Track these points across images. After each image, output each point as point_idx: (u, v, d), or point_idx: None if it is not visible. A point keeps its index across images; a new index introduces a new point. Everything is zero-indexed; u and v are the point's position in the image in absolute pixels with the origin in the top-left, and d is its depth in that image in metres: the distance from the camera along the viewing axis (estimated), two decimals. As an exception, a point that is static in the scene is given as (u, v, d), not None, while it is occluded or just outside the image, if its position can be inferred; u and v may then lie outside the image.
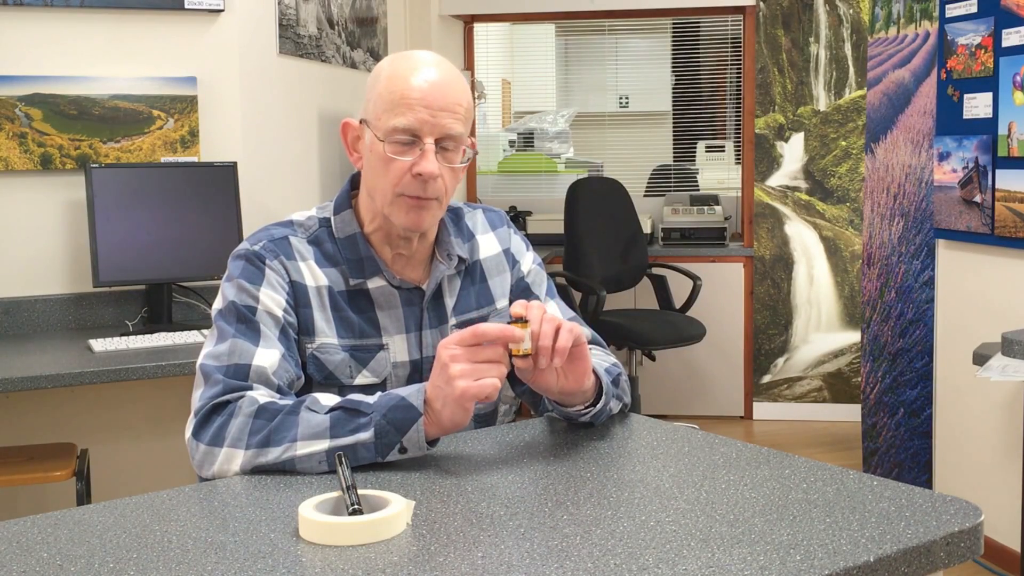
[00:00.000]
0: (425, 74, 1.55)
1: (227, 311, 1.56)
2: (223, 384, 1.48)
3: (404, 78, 1.55)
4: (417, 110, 1.53)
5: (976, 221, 3.38)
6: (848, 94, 5.23)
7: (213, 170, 3.26)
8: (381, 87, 1.57)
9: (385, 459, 1.42)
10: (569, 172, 6.06)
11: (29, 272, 3.18)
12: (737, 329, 5.37)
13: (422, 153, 1.54)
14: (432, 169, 1.54)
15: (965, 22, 3.41)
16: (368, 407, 1.43)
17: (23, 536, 1.22)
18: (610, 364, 1.66)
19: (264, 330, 1.54)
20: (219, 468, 1.43)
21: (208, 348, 1.55)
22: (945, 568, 1.16)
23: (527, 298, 1.76)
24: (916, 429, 3.94)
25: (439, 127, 1.55)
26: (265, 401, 1.45)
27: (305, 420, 1.42)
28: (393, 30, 4.82)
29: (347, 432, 1.41)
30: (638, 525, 1.19)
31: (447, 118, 1.55)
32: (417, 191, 1.56)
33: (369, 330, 1.62)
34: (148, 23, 3.26)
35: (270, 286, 1.57)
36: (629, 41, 6.55)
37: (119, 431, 3.25)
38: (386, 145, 1.54)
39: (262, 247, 1.60)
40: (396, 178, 1.55)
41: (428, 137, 1.54)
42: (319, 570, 1.10)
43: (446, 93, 1.55)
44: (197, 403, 1.49)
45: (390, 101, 1.55)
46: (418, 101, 1.53)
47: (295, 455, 1.40)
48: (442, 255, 1.67)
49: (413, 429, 1.41)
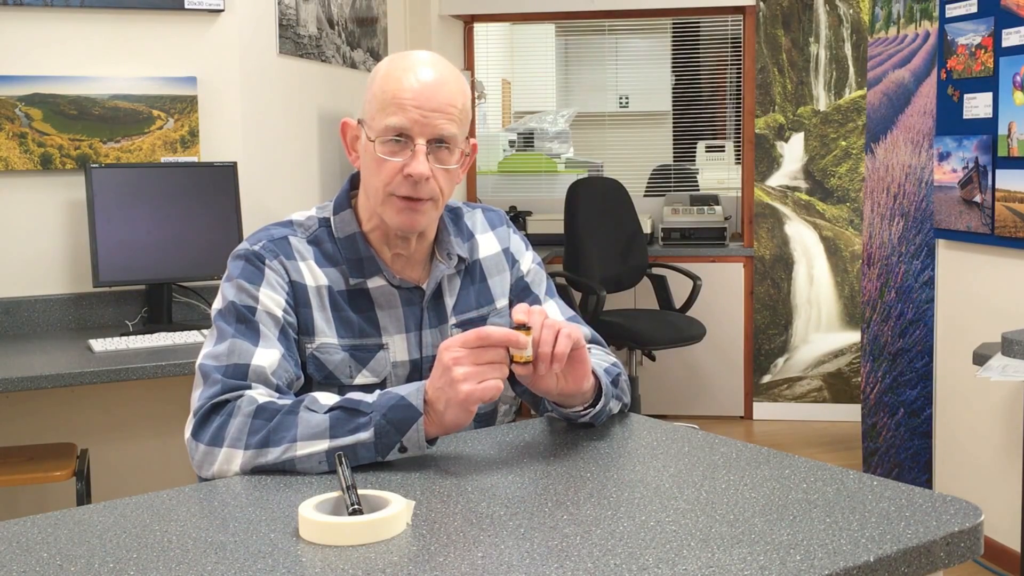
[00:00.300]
0: (419, 74, 1.55)
1: (226, 311, 1.56)
2: (222, 384, 1.48)
3: (398, 78, 1.55)
4: (408, 110, 1.53)
5: (976, 221, 3.38)
6: (848, 94, 5.23)
7: (213, 170, 3.26)
8: (376, 87, 1.57)
9: (385, 458, 1.42)
10: (569, 172, 6.06)
11: (29, 272, 3.18)
12: (737, 329, 5.37)
13: (413, 154, 1.54)
14: (422, 170, 1.53)
15: (965, 22, 3.41)
16: (367, 406, 1.42)
17: (23, 536, 1.22)
18: (609, 364, 1.66)
19: (264, 330, 1.54)
20: (219, 468, 1.43)
21: (207, 348, 1.55)
22: (945, 568, 1.16)
23: (527, 297, 1.76)
24: (916, 429, 3.94)
25: (431, 128, 1.54)
26: (264, 401, 1.45)
27: (304, 420, 1.42)
28: (393, 30, 4.82)
29: (347, 432, 1.41)
30: (638, 525, 1.19)
31: (439, 119, 1.54)
32: (408, 191, 1.55)
33: (369, 330, 1.62)
34: (148, 23, 3.26)
35: (270, 286, 1.57)
36: (629, 41, 6.55)
37: (119, 431, 3.25)
38: (377, 145, 1.55)
39: (262, 247, 1.60)
40: (387, 178, 1.56)
41: (420, 138, 1.54)
42: (319, 570, 1.10)
43: (439, 93, 1.55)
44: (196, 403, 1.49)
45: (383, 101, 1.55)
46: (410, 101, 1.53)
47: (295, 455, 1.40)
48: (441, 255, 1.67)
49: (413, 429, 1.41)
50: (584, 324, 1.77)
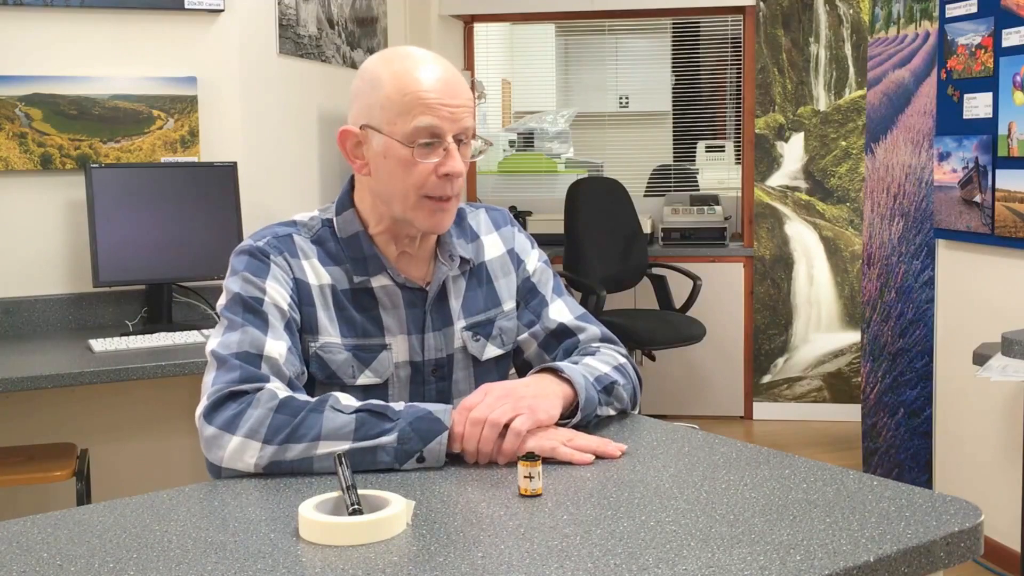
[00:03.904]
0: (432, 72, 1.54)
1: (234, 303, 1.55)
2: (240, 371, 1.46)
3: (414, 78, 1.52)
4: (437, 109, 1.51)
5: (976, 221, 3.38)
6: (848, 94, 5.23)
7: (213, 170, 3.26)
8: (388, 90, 1.53)
9: (402, 466, 1.42)
10: (569, 172, 6.06)
11: (29, 272, 3.18)
12: (737, 329, 5.37)
13: (447, 152, 1.53)
14: (461, 168, 1.54)
15: (965, 22, 3.41)
16: (395, 413, 1.43)
17: (23, 536, 1.22)
18: (610, 368, 1.64)
19: (272, 321, 1.53)
20: (229, 456, 1.41)
21: (218, 337, 1.52)
22: (945, 568, 1.16)
23: (534, 298, 1.74)
24: (916, 429, 3.94)
25: (458, 123, 1.54)
26: (285, 395, 1.44)
27: (330, 419, 1.41)
28: (393, 30, 4.82)
29: (371, 435, 1.41)
30: (638, 525, 1.19)
31: (463, 113, 1.54)
32: (444, 191, 1.55)
33: (372, 329, 1.61)
34: (148, 23, 3.26)
35: (275, 280, 1.56)
36: (629, 41, 6.55)
37: (119, 431, 3.25)
38: (415, 149, 1.52)
39: (266, 243, 1.59)
40: (420, 180, 1.54)
41: (449, 135, 1.53)
42: (319, 570, 1.10)
43: (456, 88, 1.54)
44: (211, 387, 1.46)
45: (404, 103, 1.52)
46: (435, 100, 1.52)
47: (315, 454, 1.40)
48: (444, 256, 1.66)
49: (436, 441, 1.42)
50: (595, 323, 1.76)
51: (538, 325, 1.73)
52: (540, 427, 1.45)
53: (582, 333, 1.73)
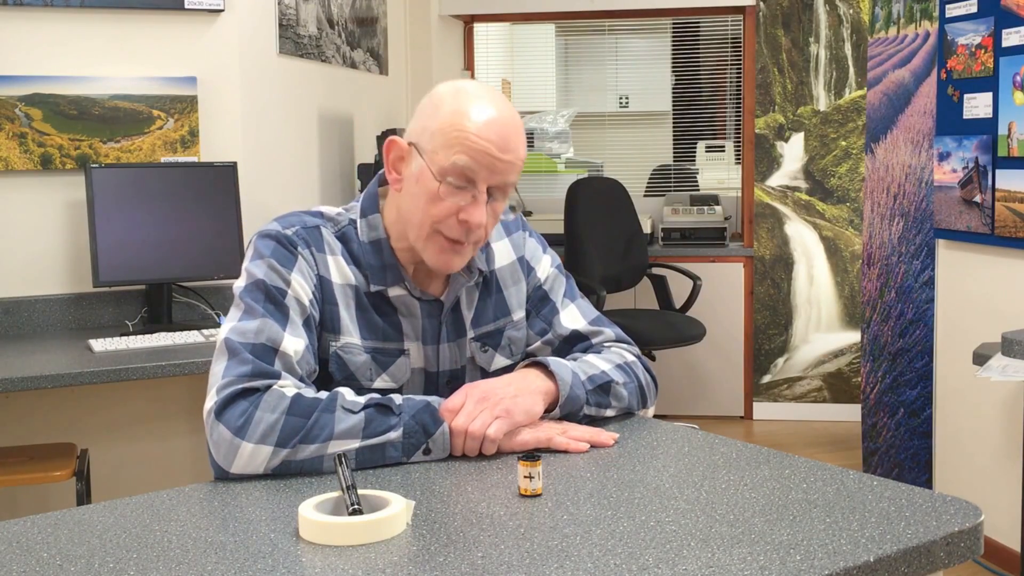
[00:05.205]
0: (490, 117, 1.50)
1: (255, 288, 1.51)
2: (252, 365, 1.44)
3: (470, 118, 1.49)
4: (479, 155, 1.48)
5: (976, 221, 3.38)
6: (848, 94, 5.23)
7: (213, 170, 3.26)
8: (444, 120, 1.50)
9: (410, 459, 1.43)
10: (569, 172, 6.06)
11: (29, 272, 3.18)
12: (737, 329, 5.37)
13: (474, 200, 1.50)
14: (480, 220, 1.51)
15: (965, 22, 3.41)
16: (397, 407, 1.44)
17: (23, 536, 1.22)
18: (605, 368, 1.63)
19: (292, 316, 1.50)
20: (243, 465, 1.39)
21: (233, 323, 1.49)
22: (945, 568, 1.16)
23: (545, 307, 1.72)
24: (916, 429, 3.94)
25: (498, 177, 1.51)
26: (293, 394, 1.43)
27: (340, 419, 1.41)
28: (393, 30, 4.82)
29: (379, 432, 1.42)
30: (638, 525, 1.19)
31: (505, 167, 1.51)
32: (457, 235, 1.52)
33: (392, 334, 1.59)
34: (148, 23, 3.26)
35: (301, 273, 1.53)
36: (629, 41, 6.55)
37: (119, 431, 3.25)
38: (442, 185, 1.49)
39: (295, 233, 1.56)
40: (439, 216, 1.51)
41: (483, 184, 1.50)
42: (319, 570, 1.10)
43: (510, 143, 1.50)
44: (221, 378, 1.44)
45: (451, 139, 1.48)
46: (483, 148, 1.48)
47: (326, 454, 1.40)
48: (463, 269, 1.64)
49: (439, 431, 1.43)
50: (610, 325, 1.75)
51: (550, 333, 1.71)
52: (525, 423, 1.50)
53: (596, 337, 1.72)
